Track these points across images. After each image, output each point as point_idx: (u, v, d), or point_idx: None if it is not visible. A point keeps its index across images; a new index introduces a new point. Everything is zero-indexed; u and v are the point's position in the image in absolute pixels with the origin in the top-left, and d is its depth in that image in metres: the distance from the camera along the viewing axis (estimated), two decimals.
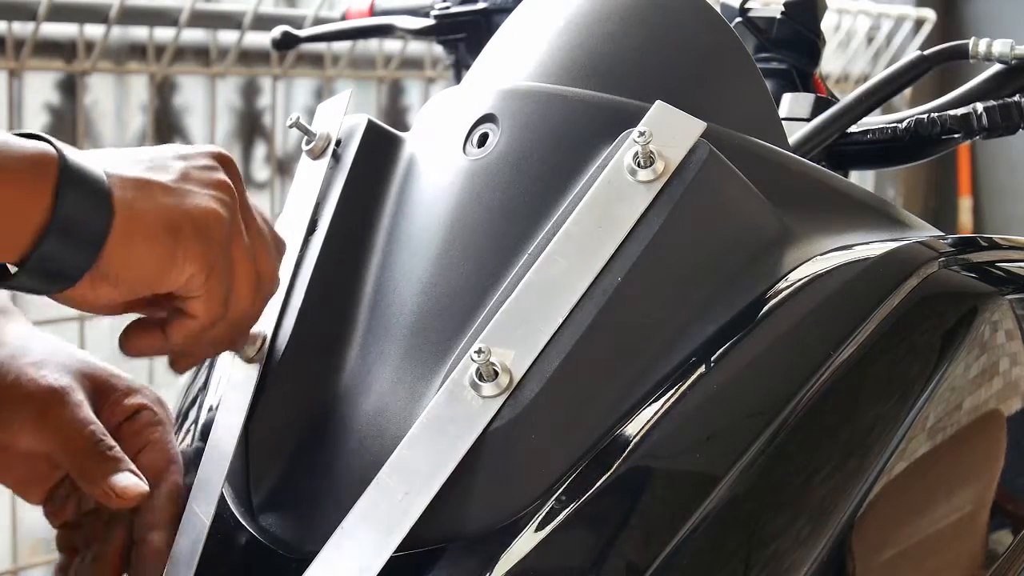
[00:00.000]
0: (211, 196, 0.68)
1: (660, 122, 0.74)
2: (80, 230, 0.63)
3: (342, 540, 0.66)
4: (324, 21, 2.18)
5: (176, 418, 0.89)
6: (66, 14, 2.06)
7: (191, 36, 2.28)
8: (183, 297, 0.68)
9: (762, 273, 0.75)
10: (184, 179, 0.67)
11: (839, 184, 0.84)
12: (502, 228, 0.75)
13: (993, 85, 1.02)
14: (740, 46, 0.86)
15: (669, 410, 0.69)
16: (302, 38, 1.51)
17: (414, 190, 0.80)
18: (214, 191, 0.68)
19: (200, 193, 0.67)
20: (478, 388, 0.68)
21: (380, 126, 0.84)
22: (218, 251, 0.67)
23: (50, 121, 2.17)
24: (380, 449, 0.70)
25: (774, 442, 0.69)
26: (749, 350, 0.71)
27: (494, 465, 0.67)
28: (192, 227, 0.66)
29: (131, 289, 0.66)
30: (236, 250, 0.69)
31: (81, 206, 0.63)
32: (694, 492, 0.67)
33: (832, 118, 1.01)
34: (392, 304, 0.76)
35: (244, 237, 0.69)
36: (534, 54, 0.84)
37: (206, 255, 0.67)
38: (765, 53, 1.12)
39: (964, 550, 0.78)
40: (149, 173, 0.67)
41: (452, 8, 1.36)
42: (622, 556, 0.66)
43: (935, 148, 1.01)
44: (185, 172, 0.68)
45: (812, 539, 0.68)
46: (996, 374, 0.79)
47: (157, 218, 0.65)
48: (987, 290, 0.82)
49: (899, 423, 0.72)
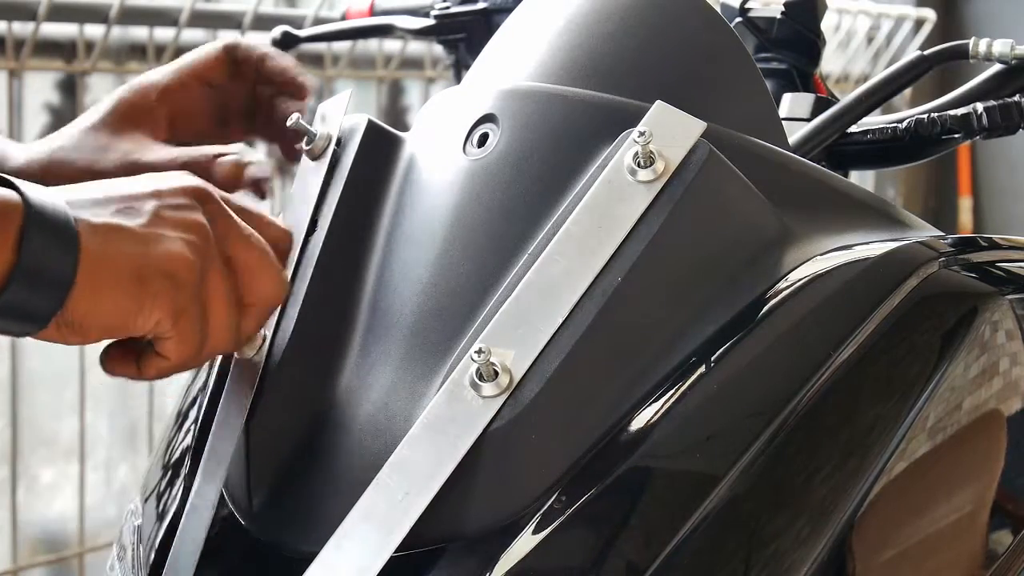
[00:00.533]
0: (182, 240, 0.66)
1: (660, 122, 0.74)
2: (45, 277, 0.62)
3: (342, 540, 0.66)
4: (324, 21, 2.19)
5: (176, 418, 0.90)
6: (66, 14, 2.06)
7: (191, 36, 2.28)
8: (155, 338, 0.67)
9: (762, 273, 0.75)
10: (155, 222, 0.66)
11: (839, 184, 0.84)
12: (502, 228, 0.75)
13: (993, 85, 1.02)
14: (740, 46, 0.86)
15: (669, 410, 0.69)
16: (302, 38, 1.51)
17: (414, 190, 0.80)
18: (185, 234, 0.67)
19: (170, 237, 0.66)
20: (478, 388, 0.68)
21: (380, 126, 0.84)
22: (187, 296, 0.66)
23: (50, 121, 2.17)
24: (380, 449, 0.70)
25: (774, 442, 0.69)
26: (749, 350, 0.71)
27: (494, 465, 0.67)
28: (159, 274, 0.65)
29: (98, 335, 0.65)
30: (210, 290, 0.68)
31: (46, 253, 0.62)
32: (694, 492, 0.67)
33: (832, 118, 1.01)
34: (392, 304, 0.76)
35: (220, 274, 0.68)
36: (534, 54, 0.84)
37: (174, 301, 0.66)
38: (765, 53, 1.12)
39: (964, 550, 0.78)
40: (119, 217, 0.65)
41: (452, 8, 1.36)
42: (622, 556, 0.66)
43: (935, 148, 1.01)
44: (157, 213, 0.67)
45: (812, 539, 0.68)
46: (996, 374, 0.79)
47: (124, 266, 0.64)
48: (987, 290, 0.82)
49: (899, 423, 0.72)
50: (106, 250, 0.64)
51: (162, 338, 0.67)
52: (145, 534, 0.82)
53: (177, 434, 0.87)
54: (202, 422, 0.82)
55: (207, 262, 0.68)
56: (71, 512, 2.21)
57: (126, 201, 0.67)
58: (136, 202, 0.67)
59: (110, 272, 0.64)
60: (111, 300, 0.64)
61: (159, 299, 0.65)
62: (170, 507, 0.80)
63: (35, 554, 2.21)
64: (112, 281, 0.64)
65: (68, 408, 2.21)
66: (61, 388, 2.19)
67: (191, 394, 0.88)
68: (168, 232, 0.66)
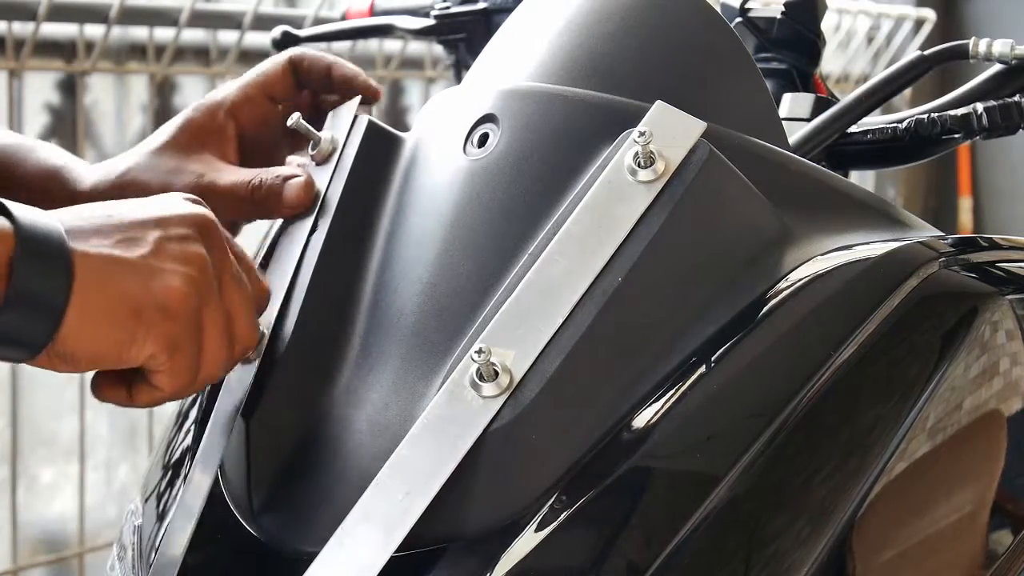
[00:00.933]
0: (181, 274, 0.66)
1: (660, 122, 0.74)
2: (35, 305, 0.61)
3: (342, 540, 0.66)
4: (324, 21, 2.19)
5: (176, 418, 0.90)
6: (66, 14, 2.06)
7: (191, 36, 2.28)
8: (148, 370, 0.67)
9: (762, 273, 0.75)
10: (156, 254, 0.65)
11: (839, 184, 0.84)
12: (502, 228, 0.75)
13: (993, 85, 1.02)
14: (740, 46, 0.86)
15: (669, 410, 0.69)
16: (302, 38, 1.51)
17: (414, 190, 0.80)
18: (185, 267, 0.66)
19: (169, 271, 0.65)
20: (478, 388, 0.68)
21: (380, 126, 0.84)
22: (183, 330, 0.66)
23: (50, 121, 2.17)
24: (380, 449, 0.70)
25: (774, 442, 0.69)
26: (749, 350, 0.71)
27: (494, 465, 0.67)
28: (155, 309, 0.64)
29: (88, 365, 0.65)
30: (207, 321, 0.67)
31: (36, 281, 0.61)
32: (694, 492, 0.67)
33: (832, 118, 1.01)
34: (392, 304, 0.76)
35: (217, 306, 0.68)
36: (534, 54, 0.84)
37: (168, 336, 0.65)
38: (765, 53, 1.12)
39: (964, 550, 0.78)
40: (120, 248, 0.65)
41: (452, 8, 1.36)
42: (622, 556, 0.66)
43: (935, 148, 1.01)
44: (158, 245, 0.66)
45: (812, 539, 0.68)
46: (996, 374, 0.79)
47: (120, 299, 0.63)
48: (987, 290, 0.81)
49: (899, 423, 0.72)
50: (103, 282, 0.63)
51: (155, 371, 0.66)
52: (145, 534, 0.82)
53: (177, 434, 0.87)
54: (201, 422, 0.82)
55: (205, 296, 0.67)
56: (71, 512, 2.21)
57: (129, 230, 0.66)
58: (139, 231, 0.66)
59: (105, 304, 0.63)
60: (104, 332, 0.63)
61: (153, 333, 0.64)
62: (170, 507, 0.80)
63: (35, 554, 2.21)
64: (106, 313, 0.63)
65: (68, 408, 2.21)
66: (61, 388, 2.19)
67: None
68: (168, 265, 0.65)
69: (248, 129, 0.87)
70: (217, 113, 0.87)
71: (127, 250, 0.65)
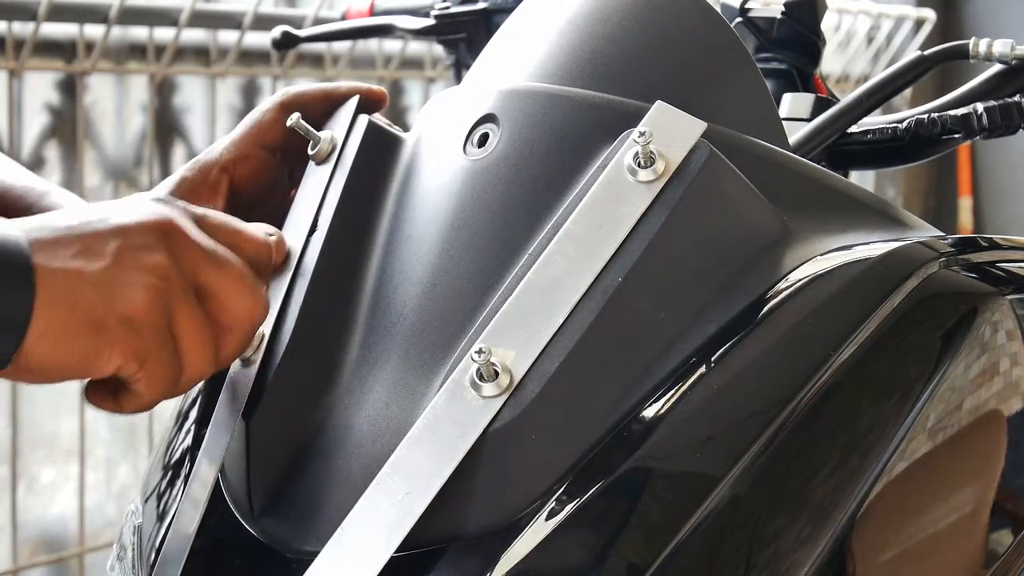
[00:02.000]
0: (143, 285, 0.65)
1: (660, 122, 0.74)
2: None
3: (342, 540, 0.66)
4: (324, 21, 2.19)
5: (176, 418, 0.90)
6: (66, 14, 2.06)
7: (191, 36, 2.28)
8: (124, 379, 0.67)
9: (762, 273, 0.75)
10: (117, 264, 0.65)
11: (839, 184, 0.84)
12: (502, 228, 0.75)
13: (993, 85, 1.02)
14: (740, 46, 0.86)
15: (669, 410, 0.69)
16: (302, 38, 1.51)
17: (414, 190, 0.80)
18: (147, 276, 0.65)
19: (131, 283, 0.65)
20: (478, 388, 0.68)
21: (380, 126, 0.84)
22: (151, 340, 0.65)
23: (50, 121, 2.17)
24: (380, 449, 0.70)
25: (774, 442, 0.69)
26: (749, 350, 0.71)
27: (494, 465, 0.67)
28: (118, 322, 0.64)
29: (59, 377, 0.64)
30: (180, 325, 0.67)
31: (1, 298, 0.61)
32: (694, 492, 0.67)
33: (832, 118, 1.01)
34: (392, 304, 0.76)
35: (190, 307, 0.67)
36: (534, 54, 0.84)
37: (134, 348, 0.65)
38: (765, 53, 1.12)
39: (964, 550, 0.78)
40: (79, 260, 0.64)
41: (452, 8, 1.36)
42: (622, 556, 0.66)
43: (935, 148, 1.01)
44: (119, 255, 0.65)
45: (812, 539, 0.68)
46: (996, 374, 0.79)
47: (81, 313, 0.63)
48: (987, 290, 0.81)
49: (899, 423, 0.72)
50: (64, 297, 0.63)
51: (131, 380, 0.66)
52: (145, 534, 0.82)
53: (177, 434, 0.87)
54: (201, 422, 0.82)
55: (173, 302, 0.66)
56: (71, 512, 2.22)
57: (88, 240, 0.65)
58: (98, 242, 0.65)
59: (67, 318, 0.63)
60: (68, 346, 0.63)
61: (119, 347, 0.64)
62: (170, 507, 0.80)
63: (35, 554, 2.22)
64: (69, 327, 0.63)
65: (68, 408, 2.21)
66: (61, 388, 2.19)
67: (191, 394, 0.88)
68: (130, 276, 0.65)
69: (243, 183, 0.87)
70: (211, 171, 0.86)
71: (88, 262, 0.64)
